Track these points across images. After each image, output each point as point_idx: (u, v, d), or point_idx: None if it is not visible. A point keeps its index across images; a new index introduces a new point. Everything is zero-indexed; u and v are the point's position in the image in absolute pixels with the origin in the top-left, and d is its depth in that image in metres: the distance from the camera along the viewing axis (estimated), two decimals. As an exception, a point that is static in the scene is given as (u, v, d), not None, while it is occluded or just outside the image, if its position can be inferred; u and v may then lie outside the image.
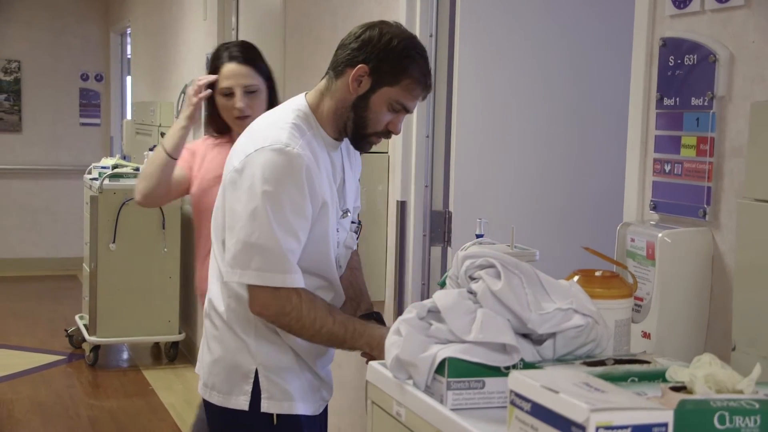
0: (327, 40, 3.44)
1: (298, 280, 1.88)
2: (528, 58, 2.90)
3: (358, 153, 2.17)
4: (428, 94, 2.02)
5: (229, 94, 2.63)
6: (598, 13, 2.97)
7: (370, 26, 1.96)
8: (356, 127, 1.97)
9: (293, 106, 2.00)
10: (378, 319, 2.16)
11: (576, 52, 2.96)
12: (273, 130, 1.92)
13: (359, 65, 1.92)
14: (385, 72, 1.92)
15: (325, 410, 2.18)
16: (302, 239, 1.89)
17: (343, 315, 1.98)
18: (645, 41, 1.82)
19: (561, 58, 2.94)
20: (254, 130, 1.98)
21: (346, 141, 2.05)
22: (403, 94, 1.93)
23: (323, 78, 2.02)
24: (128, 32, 8.03)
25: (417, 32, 2.82)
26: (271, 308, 1.89)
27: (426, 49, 2.01)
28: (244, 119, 2.54)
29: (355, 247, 2.20)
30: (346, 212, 2.08)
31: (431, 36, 2.83)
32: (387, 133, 2.00)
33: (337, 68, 1.97)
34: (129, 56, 8.23)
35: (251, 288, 1.89)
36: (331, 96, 1.98)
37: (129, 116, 7.91)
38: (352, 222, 2.14)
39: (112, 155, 7.63)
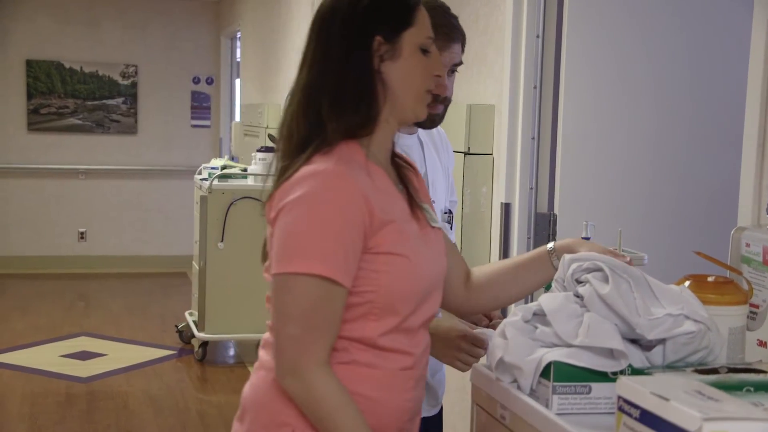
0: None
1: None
2: (639, 57, 2.83)
3: (445, 145, 2.13)
4: (461, 43, 1.92)
5: None
6: (716, 8, 2.87)
7: None
8: None
9: None
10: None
11: (692, 50, 2.87)
12: None
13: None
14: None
15: (440, 412, 2.17)
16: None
17: None
18: (765, 37, 1.76)
19: (675, 56, 2.86)
20: None
21: (417, 137, 2.03)
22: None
23: None
24: (238, 36, 8.24)
25: (524, 33, 2.80)
26: None
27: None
28: None
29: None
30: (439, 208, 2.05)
31: (538, 37, 2.81)
32: (438, 99, 1.89)
33: None
34: (238, 59, 8.43)
35: None
36: None
37: (237, 118, 8.10)
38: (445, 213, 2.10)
39: (221, 156, 7.84)
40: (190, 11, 8.69)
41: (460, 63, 1.94)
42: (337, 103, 1.44)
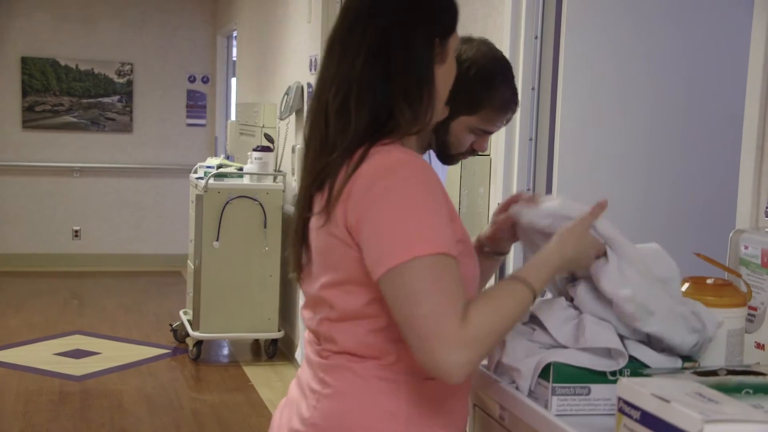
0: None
1: None
2: (637, 58, 2.83)
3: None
4: (514, 114, 1.93)
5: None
6: (715, 9, 2.88)
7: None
8: (440, 148, 1.95)
9: None
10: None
11: (690, 51, 2.88)
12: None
13: None
14: (462, 102, 1.81)
15: None
16: None
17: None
18: (765, 39, 1.76)
19: (673, 58, 2.86)
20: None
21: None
22: (482, 122, 1.85)
23: None
24: (234, 35, 8.23)
25: (522, 34, 2.80)
26: None
27: (511, 68, 1.91)
28: None
29: None
30: None
31: (536, 38, 2.81)
32: (472, 152, 1.97)
33: None
34: (234, 58, 8.42)
35: None
36: None
37: (233, 117, 8.09)
38: None
39: (216, 155, 7.83)
40: (186, 10, 8.67)
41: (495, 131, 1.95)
42: (407, 99, 1.40)
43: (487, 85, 1.83)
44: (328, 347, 1.44)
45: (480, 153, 1.95)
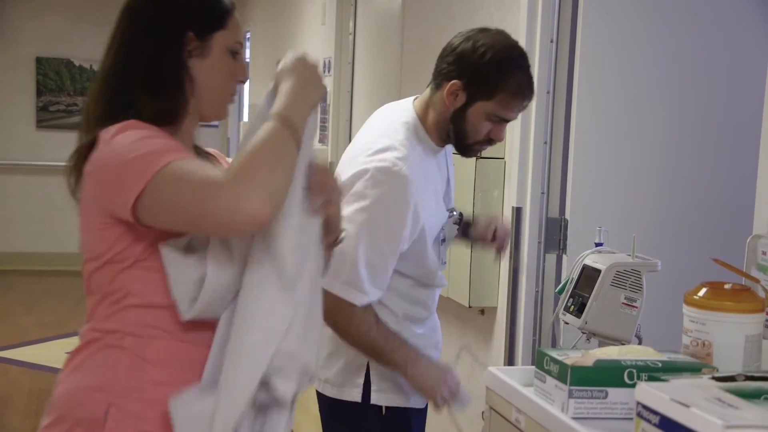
0: (445, 45, 3.45)
1: (369, 299, 1.91)
2: (653, 62, 2.83)
3: (451, 159, 2.18)
4: (530, 102, 1.97)
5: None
6: (732, 12, 2.87)
7: (467, 37, 1.94)
8: (458, 137, 1.97)
9: (402, 118, 2.01)
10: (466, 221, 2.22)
11: (706, 55, 2.86)
12: (383, 142, 1.93)
13: (453, 81, 1.91)
14: (479, 87, 1.89)
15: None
16: (391, 261, 1.92)
17: (397, 336, 1.98)
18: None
19: (689, 62, 2.85)
20: (363, 144, 1.99)
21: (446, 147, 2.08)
22: (499, 108, 1.91)
23: (428, 86, 2.03)
24: (247, 37, 8.25)
25: (537, 38, 2.80)
26: (342, 320, 1.91)
27: (527, 56, 1.95)
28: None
29: (453, 237, 2.20)
30: (452, 211, 2.08)
31: (552, 41, 2.80)
32: (490, 141, 1.99)
33: (437, 80, 1.97)
34: (247, 60, 8.44)
35: (334, 296, 1.89)
36: (433, 107, 1.99)
37: (246, 118, 8.11)
38: (452, 214, 2.14)
39: (229, 156, 7.84)
40: (200, 11, 8.69)
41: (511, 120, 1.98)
42: (148, 90, 1.47)
43: (502, 68, 1.87)
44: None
45: (495, 142, 1.99)
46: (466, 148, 2.01)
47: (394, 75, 4.09)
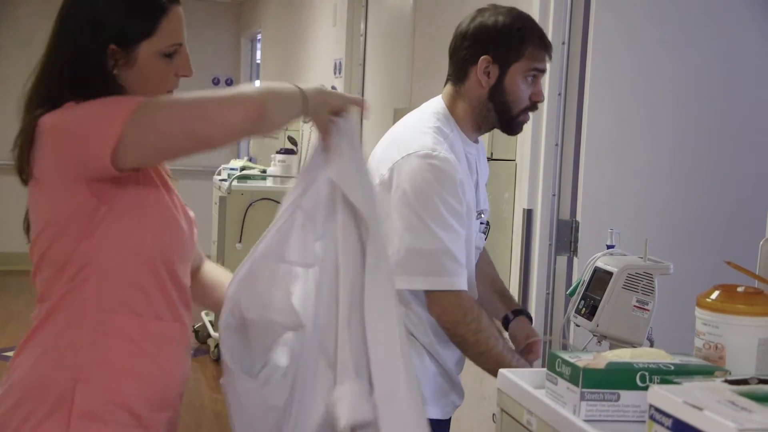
0: (456, 47, 3.45)
1: (463, 283, 1.90)
2: (665, 64, 2.82)
3: (485, 158, 2.18)
4: (552, 50, 2.02)
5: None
6: (745, 13, 2.86)
7: (471, 19, 2.00)
8: (501, 114, 1.98)
9: (432, 109, 2.02)
10: (527, 315, 2.19)
11: (719, 57, 2.85)
12: (416, 134, 1.94)
13: (481, 58, 1.94)
14: (507, 51, 1.94)
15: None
16: (463, 238, 1.91)
17: (504, 339, 1.97)
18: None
19: (701, 63, 2.84)
20: (396, 136, 2.00)
21: (478, 145, 2.07)
22: (532, 61, 1.96)
23: (446, 84, 2.04)
24: (258, 38, 8.26)
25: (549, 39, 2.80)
26: (452, 314, 1.89)
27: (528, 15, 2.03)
28: None
29: (482, 246, 2.20)
30: (480, 213, 2.08)
31: (563, 43, 2.80)
32: (533, 105, 2.01)
33: (461, 71, 1.99)
34: (258, 61, 8.46)
35: (430, 292, 1.90)
36: (463, 98, 2.00)
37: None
38: (481, 223, 2.14)
39: (239, 157, 7.86)
40: (210, 13, 8.72)
41: (545, 70, 2.03)
42: (77, 94, 1.49)
43: (518, 25, 1.96)
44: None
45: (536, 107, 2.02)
46: (512, 122, 2.01)
47: (405, 76, 4.09)
